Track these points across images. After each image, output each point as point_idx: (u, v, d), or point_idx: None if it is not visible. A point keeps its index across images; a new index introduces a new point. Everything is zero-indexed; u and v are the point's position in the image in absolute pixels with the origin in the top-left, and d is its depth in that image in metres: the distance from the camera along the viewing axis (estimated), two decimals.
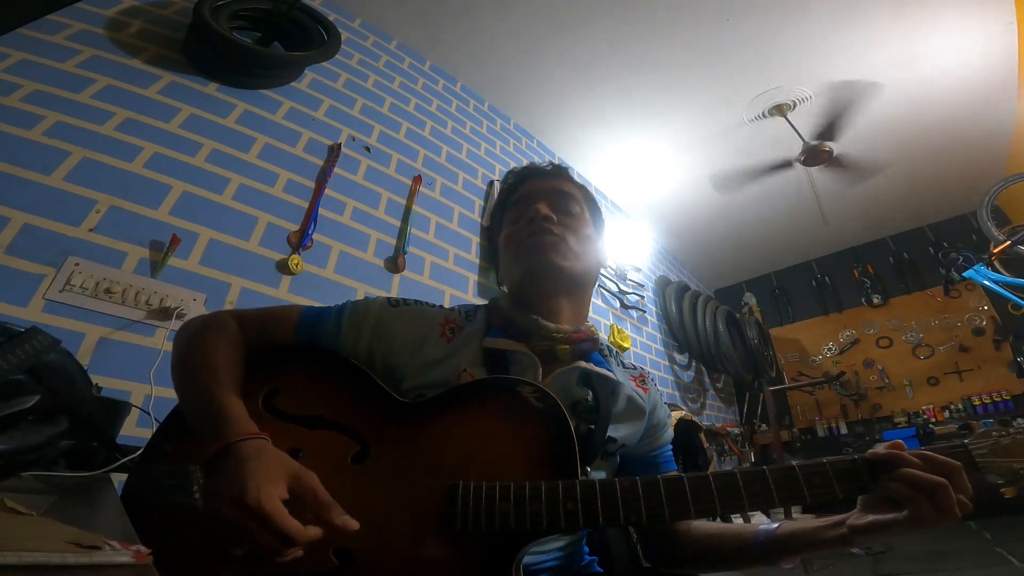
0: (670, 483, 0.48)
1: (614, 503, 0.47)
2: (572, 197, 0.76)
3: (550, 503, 0.47)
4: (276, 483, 0.44)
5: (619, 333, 2.81)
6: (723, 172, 3.23)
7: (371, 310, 0.68)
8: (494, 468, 0.51)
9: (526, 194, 0.76)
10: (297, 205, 1.59)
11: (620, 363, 0.76)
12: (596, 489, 0.48)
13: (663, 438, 0.75)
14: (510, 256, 0.74)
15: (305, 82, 1.86)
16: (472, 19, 2.31)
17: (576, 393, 0.65)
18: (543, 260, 0.69)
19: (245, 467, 0.45)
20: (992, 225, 2.84)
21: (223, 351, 0.61)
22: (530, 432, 0.53)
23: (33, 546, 0.28)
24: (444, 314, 0.71)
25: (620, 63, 2.52)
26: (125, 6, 1.53)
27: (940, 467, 0.45)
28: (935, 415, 3.61)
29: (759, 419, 3.91)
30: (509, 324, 0.68)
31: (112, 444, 0.75)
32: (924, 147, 3.19)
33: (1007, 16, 2.34)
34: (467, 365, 0.63)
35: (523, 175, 0.81)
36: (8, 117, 1.14)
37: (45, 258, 1.07)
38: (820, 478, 0.47)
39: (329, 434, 0.57)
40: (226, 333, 0.64)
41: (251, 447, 0.47)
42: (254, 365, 0.63)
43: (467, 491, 0.49)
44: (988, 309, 3.67)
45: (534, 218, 0.71)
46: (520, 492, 0.48)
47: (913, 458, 0.46)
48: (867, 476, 0.47)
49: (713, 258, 4.51)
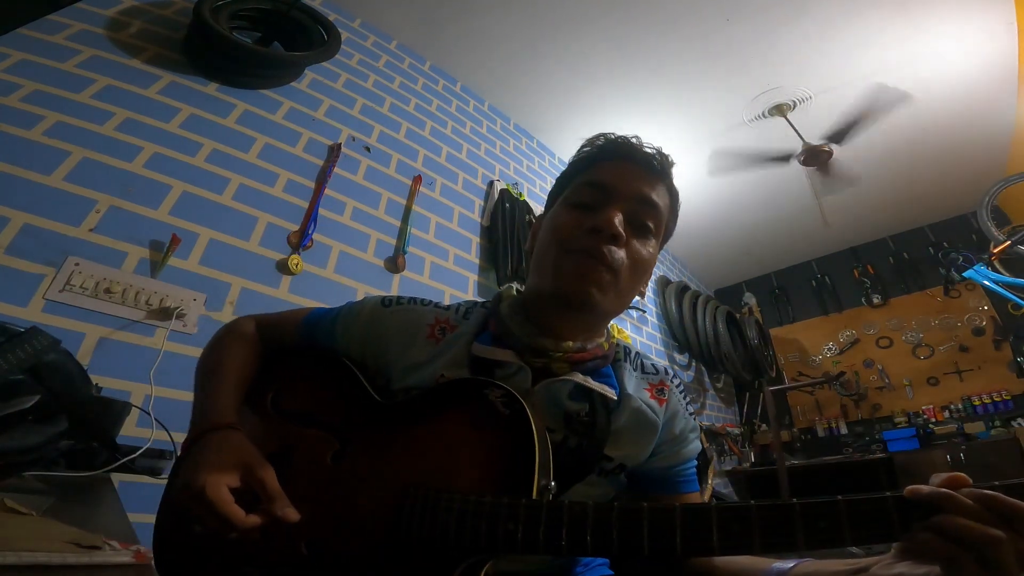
0: (626, 513, 0.40)
1: (556, 529, 0.40)
2: (656, 211, 0.63)
3: (490, 520, 0.43)
4: (226, 472, 0.47)
5: (619, 333, 2.82)
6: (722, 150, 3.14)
7: (364, 310, 0.68)
8: (450, 476, 0.48)
9: (610, 182, 0.61)
10: (297, 205, 1.59)
11: (640, 366, 0.69)
12: (541, 511, 0.42)
13: (684, 454, 0.65)
14: (548, 253, 0.61)
15: (305, 82, 1.86)
16: (472, 19, 2.31)
17: (570, 406, 0.59)
18: (580, 291, 0.57)
19: (203, 456, 0.49)
20: (992, 225, 2.84)
21: (232, 351, 0.66)
22: (491, 439, 0.49)
23: (33, 546, 0.28)
24: (436, 313, 0.67)
25: (620, 63, 2.52)
26: (125, 6, 1.53)
27: (1009, 514, 0.32)
28: (935, 415, 3.61)
29: (759, 419, 3.91)
30: (506, 333, 0.61)
31: (112, 444, 0.75)
32: (924, 147, 3.19)
33: (1007, 16, 2.34)
34: (445, 369, 0.59)
35: (619, 151, 0.65)
36: (8, 117, 1.14)
37: (45, 258, 1.07)
38: (826, 520, 0.35)
39: (317, 432, 0.58)
40: (240, 335, 0.69)
41: (217, 438, 0.52)
42: (267, 365, 0.68)
43: (414, 500, 0.47)
44: (988, 309, 3.67)
45: (601, 230, 0.57)
46: (464, 505, 0.44)
47: (972, 504, 0.33)
48: (897, 521, 0.34)
49: (713, 258, 4.51)
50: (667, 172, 0.66)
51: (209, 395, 0.59)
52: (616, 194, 0.60)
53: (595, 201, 0.61)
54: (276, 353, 0.69)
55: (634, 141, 0.65)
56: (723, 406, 3.98)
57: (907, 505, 0.35)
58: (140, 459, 0.81)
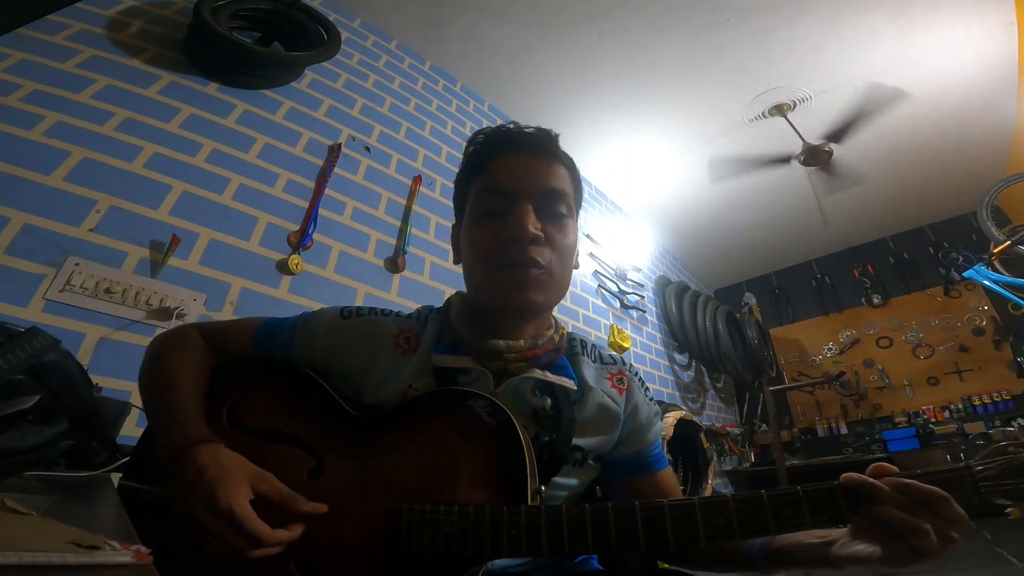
0: (621, 514, 0.44)
1: (558, 532, 0.44)
2: (562, 196, 0.63)
3: (494, 528, 0.45)
4: (241, 486, 0.46)
5: (619, 333, 2.81)
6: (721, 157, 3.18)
7: (322, 322, 0.66)
8: (442, 488, 0.49)
9: (509, 184, 0.61)
10: (297, 205, 1.59)
11: (599, 357, 0.70)
12: (541, 516, 0.45)
13: (648, 437, 0.68)
14: (478, 271, 0.62)
15: (305, 82, 1.86)
16: (472, 19, 2.31)
17: (534, 402, 0.60)
18: (522, 299, 0.58)
19: (208, 473, 0.46)
20: (992, 225, 2.84)
21: (184, 361, 0.61)
22: (481, 450, 0.50)
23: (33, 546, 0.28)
24: (399, 323, 0.66)
25: (620, 63, 2.52)
26: (125, 6, 1.53)
27: (924, 499, 0.39)
28: (935, 415, 3.61)
29: (759, 419, 3.91)
30: (459, 341, 0.63)
31: (112, 444, 0.75)
32: (924, 147, 3.19)
33: (1007, 16, 2.34)
34: (412, 380, 0.60)
35: (505, 144, 0.64)
36: (8, 117, 1.14)
37: (45, 258, 1.07)
38: (790, 507, 0.42)
39: (286, 448, 0.56)
40: (189, 345, 0.63)
41: (206, 452, 0.48)
42: (217, 378, 0.62)
43: (411, 515, 0.47)
44: (988, 309, 3.67)
45: (519, 238, 0.57)
46: (464, 516, 0.46)
47: (890, 491, 0.40)
48: (845, 506, 0.42)
49: (713, 258, 4.51)
50: (555, 148, 0.65)
51: (173, 408, 0.54)
52: (519, 194, 0.60)
53: (502, 207, 0.60)
54: (223, 365, 0.64)
55: (513, 128, 0.65)
56: (723, 406, 3.99)
57: (850, 492, 0.42)
58: None
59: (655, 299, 3.52)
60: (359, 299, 1.60)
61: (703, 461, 2.49)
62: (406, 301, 1.72)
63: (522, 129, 0.65)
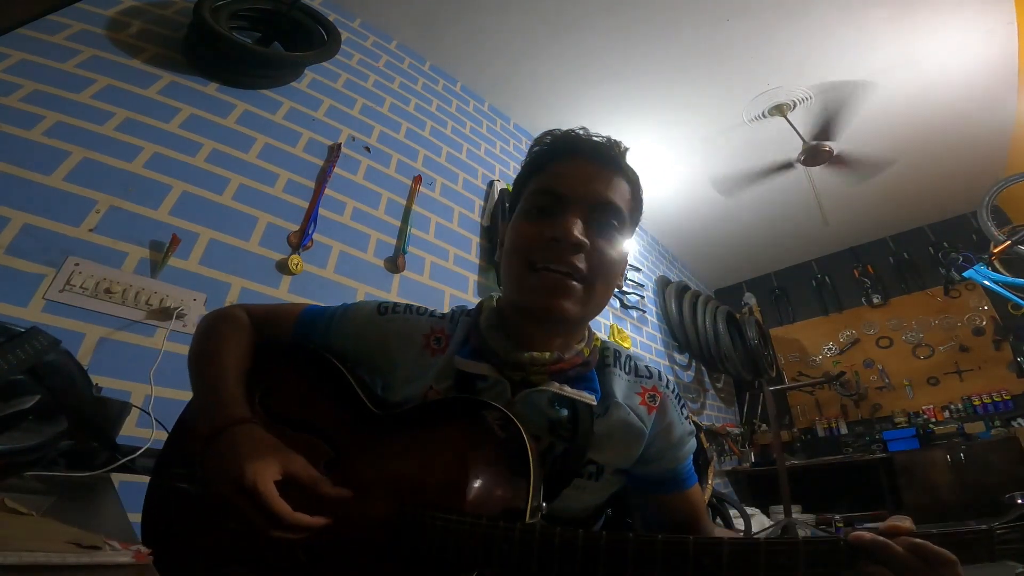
0: (613, 543, 0.43)
1: (548, 552, 0.44)
2: (615, 209, 0.60)
3: (486, 541, 0.45)
4: (270, 465, 0.47)
5: (619, 333, 2.81)
6: (724, 174, 3.23)
7: (359, 315, 0.67)
8: (446, 494, 0.50)
9: (563, 188, 0.59)
10: (297, 205, 1.59)
11: (633, 369, 0.67)
12: (534, 535, 0.45)
13: (681, 455, 0.66)
14: (513, 267, 0.60)
15: (305, 82, 1.86)
16: (472, 19, 2.31)
17: (551, 413, 0.59)
18: (551, 307, 0.56)
19: (240, 450, 0.48)
20: (992, 225, 2.84)
21: (230, 341, 0.64)
22: (488, 461, 0.51)
23: (33, 546, 0.28)
24: (432, 323, 0.67)
25: (620, 63, 2.52)
26: (125, 6, 1.53)
27: (932, 561, 0.37)
28: (935, 415, 3.61)
29: (759, 419, 3.91)
30: (483, 346, 0.61)
31: (112, 444, 0.75)
32: (924, 147, 3.19)
33: (1007, 16, 2.34)
34: (435, 382, 0.61)
35: (568, 148, 0.62)
36: (8, 117, 1.14)
37: (45, 258, 1.07)
38: (786, 557, 0.40)
39: (309, 437, 0.57)
40: (236, 325, 0.66)
41: (242, 431, 0.51)
42: (256, 361, 0.65)
43: (412, 515, 0.49)
44: (988, 309, 3.67)
45: (561, 240, 0.56)
46: (461, 525, 0.46)
47: (901, 551, 0.38)
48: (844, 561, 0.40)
49: (713, 258, 4.51)
50: (621, 161, 0.63)
51: (218, 386, 0.57)
52: (572, 200, 0.58)
53: (552, 207, 0.59)
54: (262, 349, 0.67)
55: (582, 134, 0.63)
56: (723, 406, 3.98)
57: (853, 548, 0.39)
58: (140, 459, 0.81)
59: (655, 299, 3.52)
60: (359, 299, 1.61)
61: (703, 461, 2.49)
62: (406, 301, 1.72)
63: (590, 136, 0.63)
